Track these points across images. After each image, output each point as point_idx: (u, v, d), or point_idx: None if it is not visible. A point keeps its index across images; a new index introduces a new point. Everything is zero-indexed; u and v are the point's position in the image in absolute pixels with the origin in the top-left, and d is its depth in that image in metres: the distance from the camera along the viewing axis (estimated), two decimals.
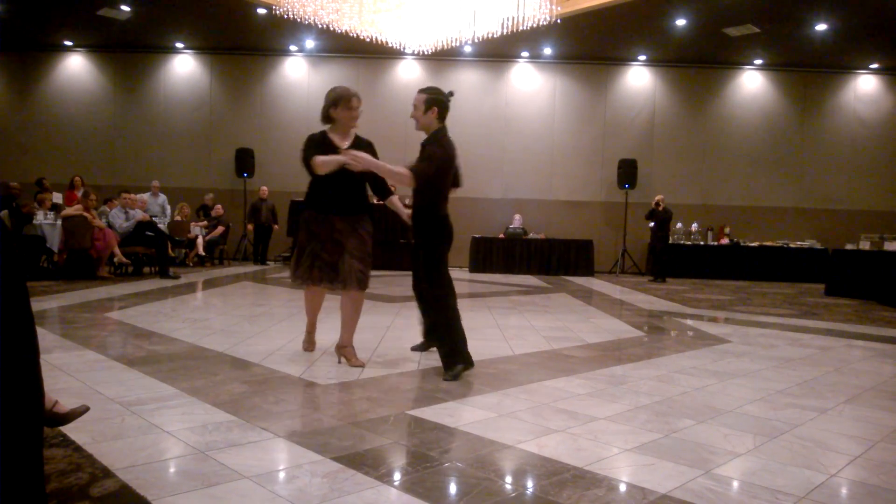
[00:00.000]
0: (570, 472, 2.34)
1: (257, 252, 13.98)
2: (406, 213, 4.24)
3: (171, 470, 2.28)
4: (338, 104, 4.02)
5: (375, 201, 4.60)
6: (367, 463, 2.36)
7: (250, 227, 13.95)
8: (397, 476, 2.27)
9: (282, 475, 2.25)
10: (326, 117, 4.07)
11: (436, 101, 3.91)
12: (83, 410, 2.45)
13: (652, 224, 12.82)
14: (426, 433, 2.75)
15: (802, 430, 2.94)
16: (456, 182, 4.14)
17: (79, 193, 11.19)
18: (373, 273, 4.25)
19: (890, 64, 14.61)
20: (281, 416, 2.92)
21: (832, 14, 11.72)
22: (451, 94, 4.03)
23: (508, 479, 2.29)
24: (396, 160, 4.16)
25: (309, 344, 4.45)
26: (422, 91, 3.97)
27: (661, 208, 12.52)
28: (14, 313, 1.70)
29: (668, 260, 12.94)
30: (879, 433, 2.93)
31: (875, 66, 14.76)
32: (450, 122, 4.02)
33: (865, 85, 15.11)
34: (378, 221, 4.47)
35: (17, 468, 1.68)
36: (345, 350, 4.07)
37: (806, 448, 2.68)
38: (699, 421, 3.02)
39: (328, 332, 4.96)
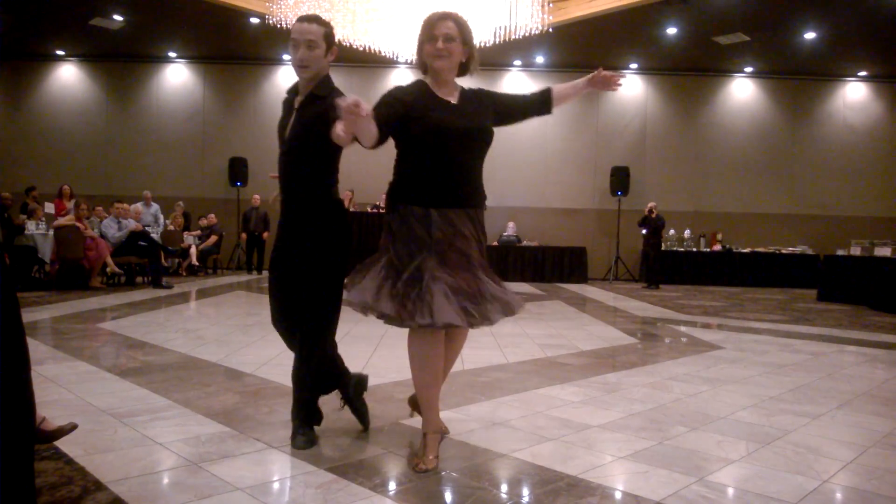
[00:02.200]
0: (564, 480, 2.34)
1: (251, 261, 13.96)
2: None
3: (164, 482, 2.27)
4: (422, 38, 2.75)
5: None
6: (361, 473, 2.36)
7: (244, 236, 13.93)
8: (391, 486, 2.26)
9: (275, 486, 2.25)
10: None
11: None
12: (70, 429, 2.44)
13: (644, 231, 12.86)
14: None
15: (795, 436, 2.95)
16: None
17: (68, 203, 11.18)
18: None
19: (878, 71, 14.73)
20: (274, 426, 2.91)
21: (821, 22, 11.82)
22: None
23: (503, 488, 2.29)
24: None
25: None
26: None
27: (653, 215, 12.57)
28: (4, 325, 1.70)
29: (660, 267, 12.97)
30: (872, 439, 2.95)
31: (863, 73, 14.88)
32: None
33: (854, 92, 15.23)
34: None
35: (8, 481, 1.67)
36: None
37: (799, 454, 2.69)
38: (692, 428, 3.03)
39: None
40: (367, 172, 10.41)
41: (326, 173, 2.80)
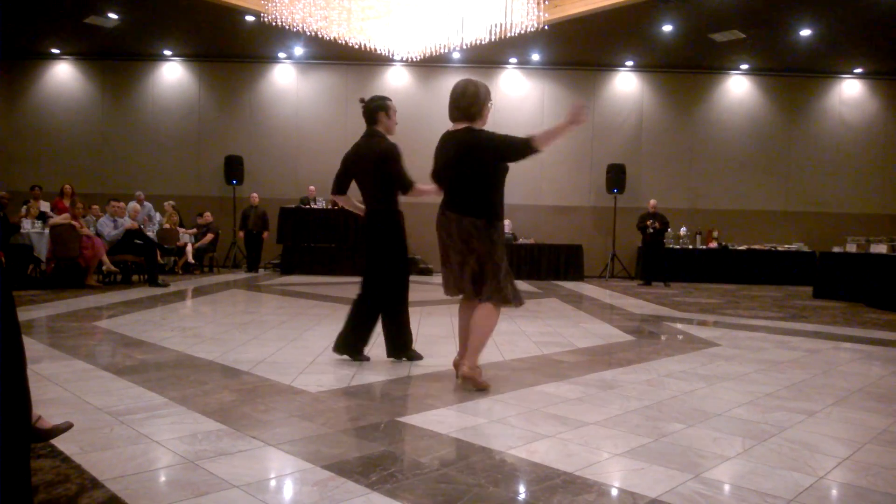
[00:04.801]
0: (561, 477, 2.34)
1: (252, 259, 13.83)
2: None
3: (161, 480, 2.27)
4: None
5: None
6: (358, 471, 2.36)
7: (241, 234, 13.87)
8: (388, 483, 2.26)
9: (272, 484, 2.25)
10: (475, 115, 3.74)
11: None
12: (66, 427, 2.43)
13: (652, 230, 12.64)
14: (417, 440, 2.75)
15: (791, 432, 2.96)
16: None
17: (67, 202, 11.15)
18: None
19: (873, 68, 14.77)
20: (271, 424, 2.91)
21: (816, 20, 11.84)
22: (361, 100, 4.45)
23: (499, 485, 2.30)
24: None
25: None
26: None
27: (649, 231, 12.47)
28: (0, 323, 1.70)
29: (661, 264, 12.90)
30: (867, 435, 2.96)
31: (859, 70, 14.92)
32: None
33: (850, 89, 15.26)
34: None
35: (4, 480, 1.66)
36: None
37: (794, 451, 2.70)
38: (689, 425, 3.04)
39: (320, 338, 4.94)
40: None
41: None
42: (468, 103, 3.69)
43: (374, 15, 10.47)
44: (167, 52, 15.00)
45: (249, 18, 12.11)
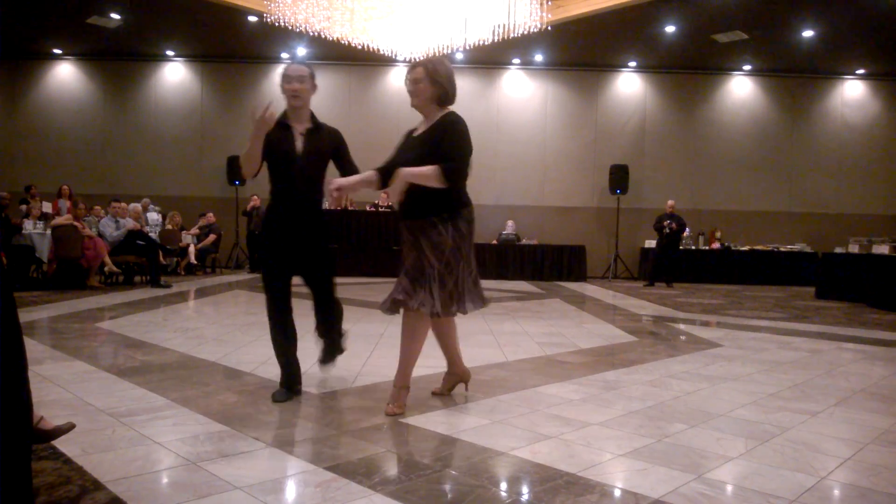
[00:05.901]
0: (564, 478, 2.34)
1: (253, 260, 13.84)
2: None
3: (163, 481, 2.27)
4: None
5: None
6: (360, 472, 2.35)
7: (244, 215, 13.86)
8: (390, 485, 2.26)
9: (274, 485, 2.25)
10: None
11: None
12: (68, 428, 2.43)
13: (669, 231, 12.59)
14: (419, 441, 2.75)
15: (793, 433, 2.95)
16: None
17: (68, 202, 11.17)
18: (366, 280, 4.26)
19: (876, 69, 14.74)
20: (273, 425, 2.91)
21: (819, 20, 11.83)
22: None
23: (502, 486, 2.29)
24: None
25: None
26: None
27: (666, 231, 12.47)
28: (1, 324, 1.70)
29: (675, 265, 12.91)
30: (870, 435, 2.95)
31: (861, 71, 14.89)
32: None
33: (852, 90, 15.23)
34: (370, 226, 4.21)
35: (6, 481, 1.66)
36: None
37: (797, 451, 2.69)
38: (691, 425, 3.03)
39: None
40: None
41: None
42: None
43: (378, 15, 10.48)
44: (169, 53, 15.02)
45: (252, 19, 12.12)
